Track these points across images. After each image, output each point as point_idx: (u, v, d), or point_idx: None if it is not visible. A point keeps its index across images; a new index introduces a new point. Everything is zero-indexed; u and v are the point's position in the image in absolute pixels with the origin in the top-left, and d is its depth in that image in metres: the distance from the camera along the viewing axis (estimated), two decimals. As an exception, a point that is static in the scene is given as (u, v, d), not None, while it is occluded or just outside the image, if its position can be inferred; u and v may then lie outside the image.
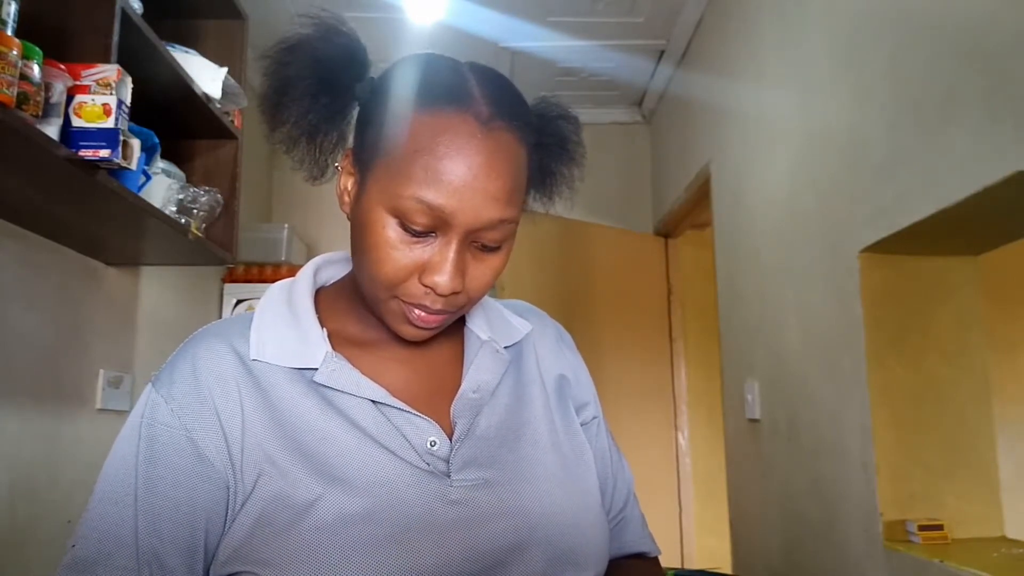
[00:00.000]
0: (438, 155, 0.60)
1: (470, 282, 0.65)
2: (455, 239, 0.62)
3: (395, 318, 0.66)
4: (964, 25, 1.20)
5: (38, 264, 1.72)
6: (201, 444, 0.63)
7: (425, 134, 0.60)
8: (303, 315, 0.70)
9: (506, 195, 0.62)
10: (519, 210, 0.66)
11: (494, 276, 0.67)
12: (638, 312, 3.40)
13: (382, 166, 0.62)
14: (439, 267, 0.62)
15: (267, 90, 0.66)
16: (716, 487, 2.94)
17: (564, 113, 0.75)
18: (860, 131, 1.54)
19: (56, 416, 1.78)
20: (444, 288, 0.62)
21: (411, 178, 0.60)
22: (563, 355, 0.83)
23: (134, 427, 0.65)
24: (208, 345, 0.68)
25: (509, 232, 0.65)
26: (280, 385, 0.66)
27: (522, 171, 0.65)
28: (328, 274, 0.78)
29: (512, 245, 0.68)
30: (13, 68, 1.13)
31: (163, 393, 0.65)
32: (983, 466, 1.50)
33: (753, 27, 2.23)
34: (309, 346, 0.68)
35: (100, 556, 0.61)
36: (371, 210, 0.63)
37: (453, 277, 0.62)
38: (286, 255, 2.92)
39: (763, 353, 2.15)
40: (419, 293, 0.63)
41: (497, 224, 0.63)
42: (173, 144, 1.95)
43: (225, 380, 0.65)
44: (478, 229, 0.62)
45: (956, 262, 1.55)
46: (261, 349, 0.67)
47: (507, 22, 2.81)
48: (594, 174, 3.61)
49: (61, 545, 1.98)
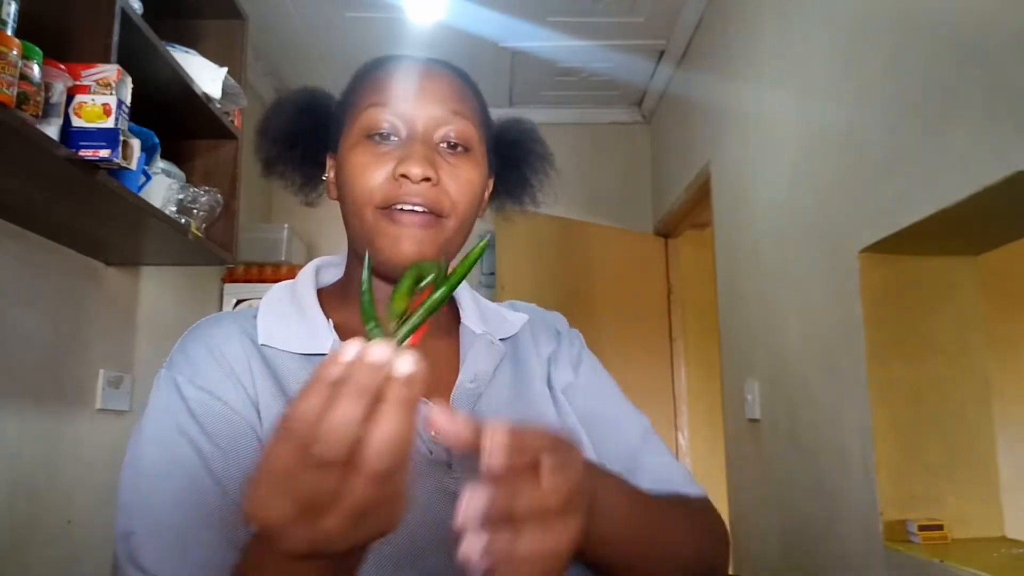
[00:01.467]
0: (385, 73, 0.72)
1: (446, 182, 0.68)
2: (418, 133, 0.69)
3: (386, 240, 0.67)
4: (964, 25, 1.20)
5: (38, 264, 1.72)
6: (234, 405, 0.64)
7: (374, 79, 0.72)
8: (308, 308, 0.72)
9: (451, 88, 0.71)
10: (473, 117, 0.72)
11: (470, 185, 0.70)
12: (638, 312, 3.40)
13: (347, 124, 0.72)
14: (407, 156, 0.67)
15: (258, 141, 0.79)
16: (716, 487, 2.94)
17: (517, 117, 0.84)
18: (860, 131, 1.54)
19: (56, 416, 1.78)
20: (416, 172, 0.66)
21: (365, 98, 0.71)
22: (560, 347, 0.83)
23: (162, 412, 0.64)
24: (219, 326, 0.70)
25: (469, 131, 0.71)
26: (289, 368, 0.67)
27: (470, 98, 0.74)
28: (328, 275, 0.80)
29: (484, 169, 0.74)
30: (13, 68, 1.13)
31: (186, 374, 0.65)
32: (983, 466, 1.50)
33: (753, 27, 2.23)
34: (316, 334, 0.69)
35: (186, 527, 0.59)
36: (345, 154, 0.70)
37: (420, 161, 0.66)
38: (286, 255, 2.92)
39: (763, 353, 2.15)
40: (397, 191, 0.67)
41: (451, 116, 0.70)
42: (173, 144, 1.95)
43: (238, 357, 0.67)
44: (434, 122, 0.69)
45: (956, 262, 1.55)
46: (269, 335, 0.69)
47: (507, 22, 2.81)
48: (594, 174, 3.63)
49: (61, 545, 1.98)
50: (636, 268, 3.44)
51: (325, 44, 3.02)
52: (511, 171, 0.82)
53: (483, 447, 0.44)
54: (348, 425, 0.38)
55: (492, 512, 0.43)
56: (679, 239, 3.52)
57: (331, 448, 0.37)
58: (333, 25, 2.88)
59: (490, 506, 0.43)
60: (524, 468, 0.45)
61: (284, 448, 0.38)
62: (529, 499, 0.44)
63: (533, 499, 0.44)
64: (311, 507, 0.38)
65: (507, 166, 0.81)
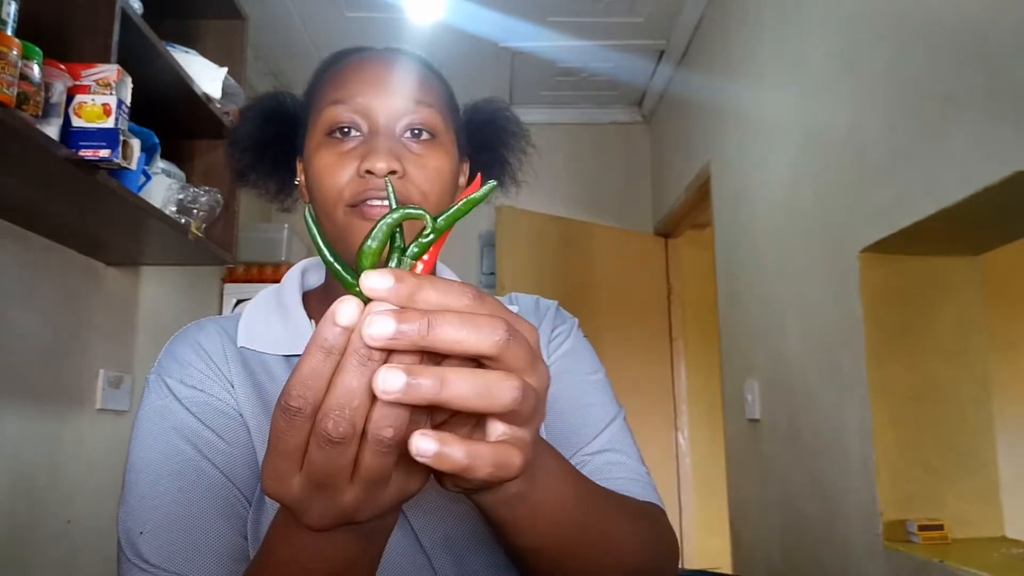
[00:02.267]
0: (343, 69, 0.71)
1: (413, 173, 0.67)
2: (380, 127, 0.68)
3: (355, 232, 0.66)
4: (964, 25, 1.20)
5: (38, 264, 1.72)
6: (226, 400, 0.66)
7: (333, 75, 0.72)
8: (292, 310, 0.72)
9: (411, 77, 0.70)
10: (436, 103, 0.71)
11: (438, 173, 0.69)
12: (638, 312, 3.40)
13: (310, 124, 0.71)
14: (370, 152, 0.66)
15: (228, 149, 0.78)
16: (716, 487, 2.94)
17: (487, 97, 0.82)
18: (860, 131, 1.54)
19: (56, 416, 1.78)
20: (380, 166, 0.64)
21: (325, 96, 0.70)
22: (540, 331, 0.79)
23: (158, 413, 0.64)
24: (203, 331, 0.71)
25: (432, 118, 0.69)
26: (269, 370, 0.68)
27: (433, 84, 0.72)
28: (314, 278, 0.80)
29: (453, 154, 0.72)
30: (13, 68, 1.13)
31: (176, 375, 0.66)
32: (983, 466, 1.50)
33: (753, 27, 2.23)
34: (298, 336, 0.70)
35: (190, 533, 0.59)
36: (310, 156, 0.69)
37: (384, 154, 0.65)
38: (286, 255, 2.92)
39: (763, 353, 2.15)
40: (364, 187, 0.66)
41: (413, 105, 0.68)
42: (173, 144, 1.95)
43: (221, 359, 0.68)
44: (396, 113, 0.68)
45: (956, 262, 1.55)
46: (250, 338, 0.70)
47: (507, 22, 2.81)
48: (594, 174, 3.63)
49: (61, 545, 1.98)
50: (636, 268, 3.45)
51: (325, 44, 3.02)
52: (486, 152, 0.80)
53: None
54: (353, 397, 0.35)
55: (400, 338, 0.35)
56: (679, 239, 3.53)
57: (338, 425, 0.35)
58: (333, 25, 2.88)
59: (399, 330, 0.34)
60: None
61: (290, 424, 0.36)
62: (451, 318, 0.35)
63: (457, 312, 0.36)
64: (327, 481, 0.37)
65: (481, 148, 0.80)
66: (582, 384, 0.76)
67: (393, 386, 0.34)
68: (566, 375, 0.75)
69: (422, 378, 0.34)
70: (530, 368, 0.38)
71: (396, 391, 0.34)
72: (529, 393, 0.37)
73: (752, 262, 2.24)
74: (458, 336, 0.35)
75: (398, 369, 0.34)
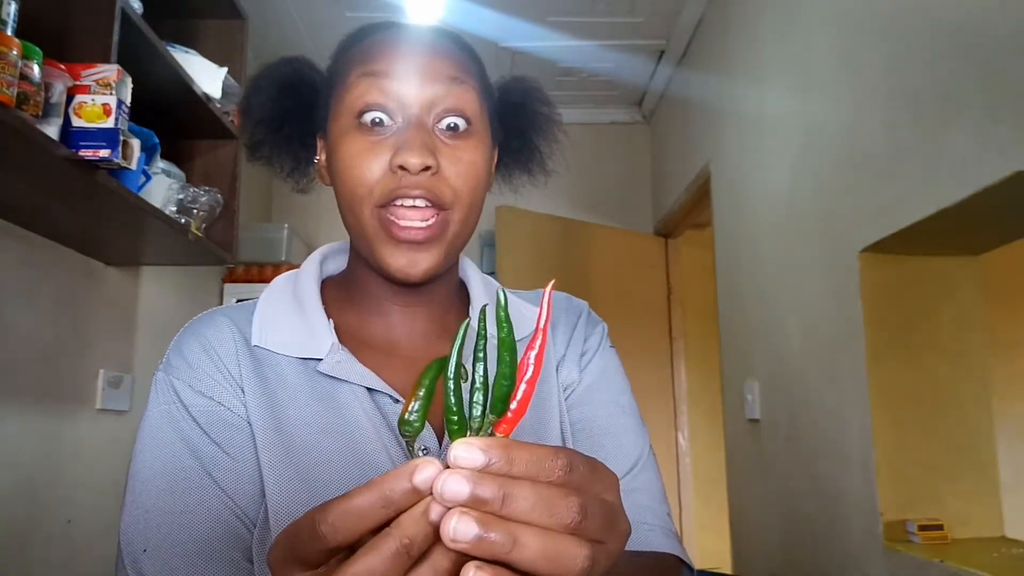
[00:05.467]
0: (373, 43, 0.65)
1: (446, 168, 0.63)
2: (413, 116, 0.63)
3: (383, 246, 0.63)
4: (963, 25, 1.20)
5: (38, 264, 1.72)
6: (234, 408, 0.63)
7: (361, 50, 0.66)
8: (309, 306, 0.69)
9: (447, 56, 0.65)
10: (473, 84, 0.66)
11: (473, 169, 0.64)
12: (638, 312, 3.40)
13: (335, 101, 0.66)
14: (404, 145, 0.61)
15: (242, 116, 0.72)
16: (716, 487, 2.94)
17: (519, 76, 0.76)
18: (860, 131, 1.54)
19: (56, 416, 1.78)
20: (414, 163, 0.60)
21: (354, 69, 0.65)
22: (573, 339, 0.78)
23: (164, 417, 0.63)
24: (213, 325, 0.67)
25: (469, 100, 0.64)
26: (282, 372, 0.65)
27: (469, 63, 0.67)
28: (334, 265, 0.77)
29: (487, 144, 0.67)
30: (13, 68, 1.13)
31: (184, 378, 0.64)
32: (983, 466, 1.50)
33: (753, 27, 2.23)
34: (315, 336, 0.66)
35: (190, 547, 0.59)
36: (336, 140, 0.65)
37: (419, 149, 0.61)
38: (286, 255, 2.92)
39: (763, 353, 2.15)
40: (396, 184, 0.61)
41: (448, 87, 0.63)
42: (173, 144, 1.95)
43: (231, 359, 0.65)
44: (430, 100, 0.63)
45: (956, 262, 1.55)
46: (264, 336, 0.66)
47: (507, 22, 2.81)
48: (594, 174, 3.63)
49: (61, 545, 1.98)
50: (636, 268, 3.45)
51: (325, 44, 3.01)
52: (516, 138, 0.74)
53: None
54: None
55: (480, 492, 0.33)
56: (679, 239, 3.53)
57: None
58: (333, 25, 2.88)
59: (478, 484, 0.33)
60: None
61: (311, 540, 0.34)
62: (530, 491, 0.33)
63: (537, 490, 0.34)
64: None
65: (512, 133, 0.74)
66: (613, 408, 0.75)
67: (464, 536, 0.31)
68: (598, 393, 0.74)
69: (494, 533, 0.31)
70: (606, 534, 0.35)
71: (466, 542, 0.31)
72: (600, 558, 0.34)
73: (752, 262, 2.24)
74: (530, 516, 0.33)
75: (471, 518, 0.31)
